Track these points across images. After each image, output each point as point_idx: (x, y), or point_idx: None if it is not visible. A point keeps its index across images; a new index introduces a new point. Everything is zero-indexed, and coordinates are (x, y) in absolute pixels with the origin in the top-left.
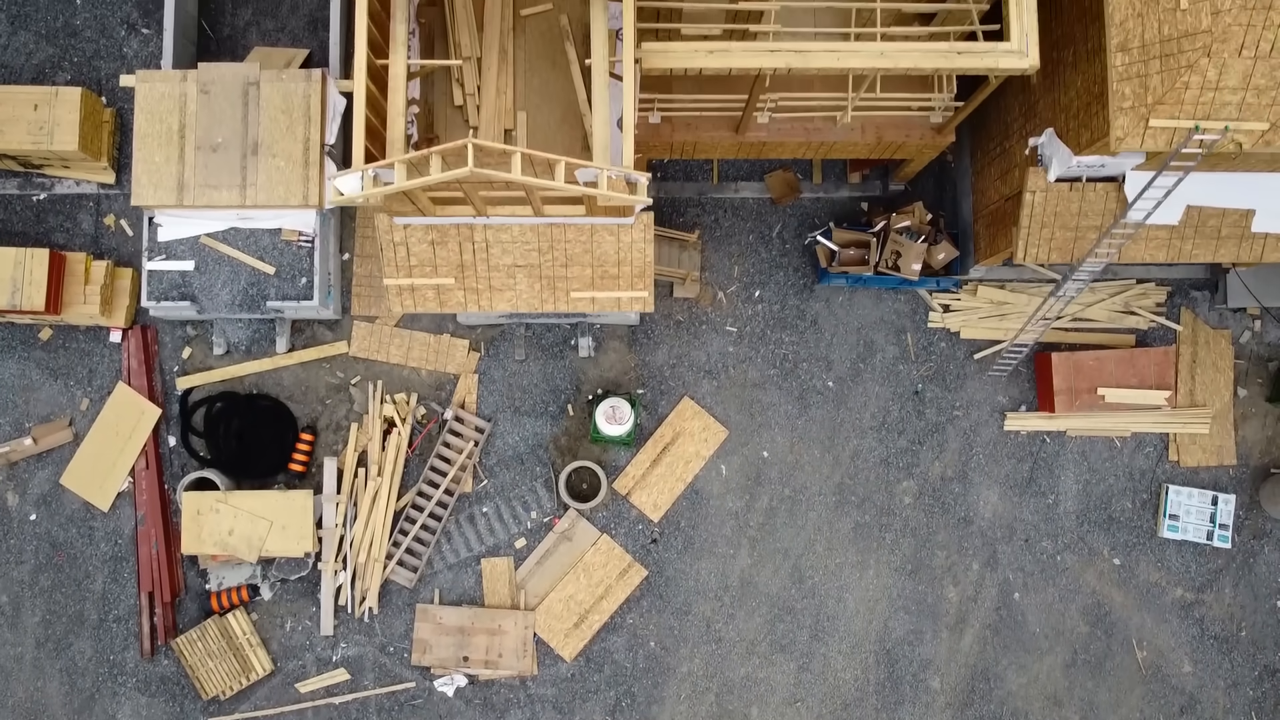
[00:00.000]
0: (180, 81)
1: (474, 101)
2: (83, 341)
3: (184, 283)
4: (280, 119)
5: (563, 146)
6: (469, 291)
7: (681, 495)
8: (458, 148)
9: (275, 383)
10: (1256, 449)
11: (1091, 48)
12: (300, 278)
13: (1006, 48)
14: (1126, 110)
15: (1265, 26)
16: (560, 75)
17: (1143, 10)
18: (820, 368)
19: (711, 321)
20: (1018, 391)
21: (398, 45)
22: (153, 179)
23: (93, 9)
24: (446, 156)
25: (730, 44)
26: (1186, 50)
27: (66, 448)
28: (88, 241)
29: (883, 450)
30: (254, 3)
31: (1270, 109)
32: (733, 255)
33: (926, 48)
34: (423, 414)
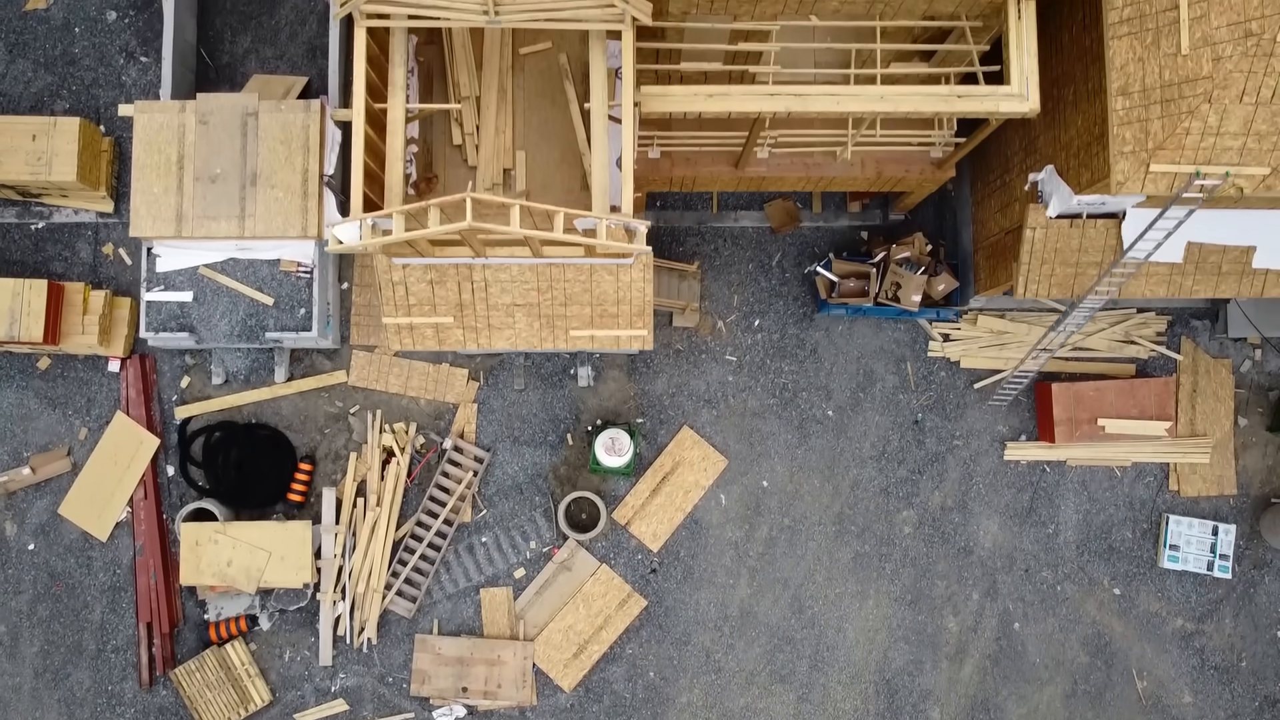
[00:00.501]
0: (179, 112)
1: (473, 141)
2: (81, 370)
3: (182, 313)
4: (279, 150)
5: (562, 185)
6: (468, 330)
7: (681, 525)
8: (456, 201)
9: (274, 412)
10: (1257, 478)
11: (1092, 88)
12: (299, 308)
13: (1007, 91)
14: (1127, 155)
15: (1266, 73)
16: (559, 114)
17: (1143, 55)
18: (820, 397)
19: (711, 350)
20: (1018, 421)
21: (396, 89)
22: (151, 210)
23: (91, 37)
24: (445, 208)
25: (729, 88)
26: (1188, 96)
27: (65, 477)
28: (86, 270)
29: (882, 480)
30: (253, 30)
31: (1271, 154)
32: (732, 284)
33: (926, 91)
34: (422, 443)
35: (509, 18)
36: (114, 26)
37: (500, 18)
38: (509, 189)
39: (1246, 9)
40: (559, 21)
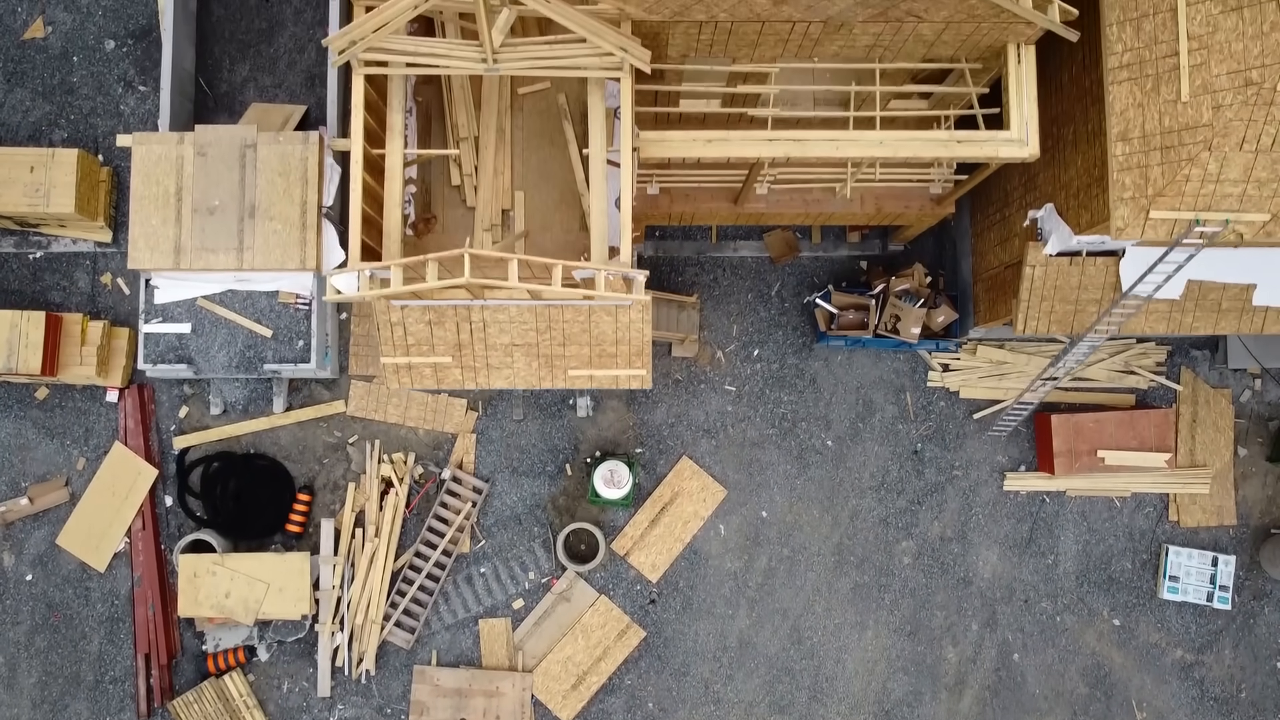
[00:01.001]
0: (177, 144)
1: (471, 182)
2: (79, 400)
3: (181, 345)
4: (277, 182)
5: (561, 225)
6: (466, 370)
7: (680, 555)
8: (455, 256)
9: (272, 442)
10: (1257, 509)
11: (1092, 129)
12: (297, 340)
13: (1006, 136)
14: (1127, 201)
15: (1267, 121)
16: (559, 154)
17: (1143, 101)
18: (819, 427)
19: (710, 380)
20: (1017, 451)
21: (394, 135)
22: (149, 242)
23: (89, 66)
24: (443, 263)
25: (728, 133)
26: (1188, 143)
27: (63, 508)
28: (84, 300)
29: (882, 510)
30: (251, 59)
31: (1272, 200)
32: (731, 314)
33: (926, 137)
34: (420, 474)
35: (508, 66)
36: (112, 55)
37: (499, 66)
38: (508, 229)
39: (1246, 58)
40: (558, 70)
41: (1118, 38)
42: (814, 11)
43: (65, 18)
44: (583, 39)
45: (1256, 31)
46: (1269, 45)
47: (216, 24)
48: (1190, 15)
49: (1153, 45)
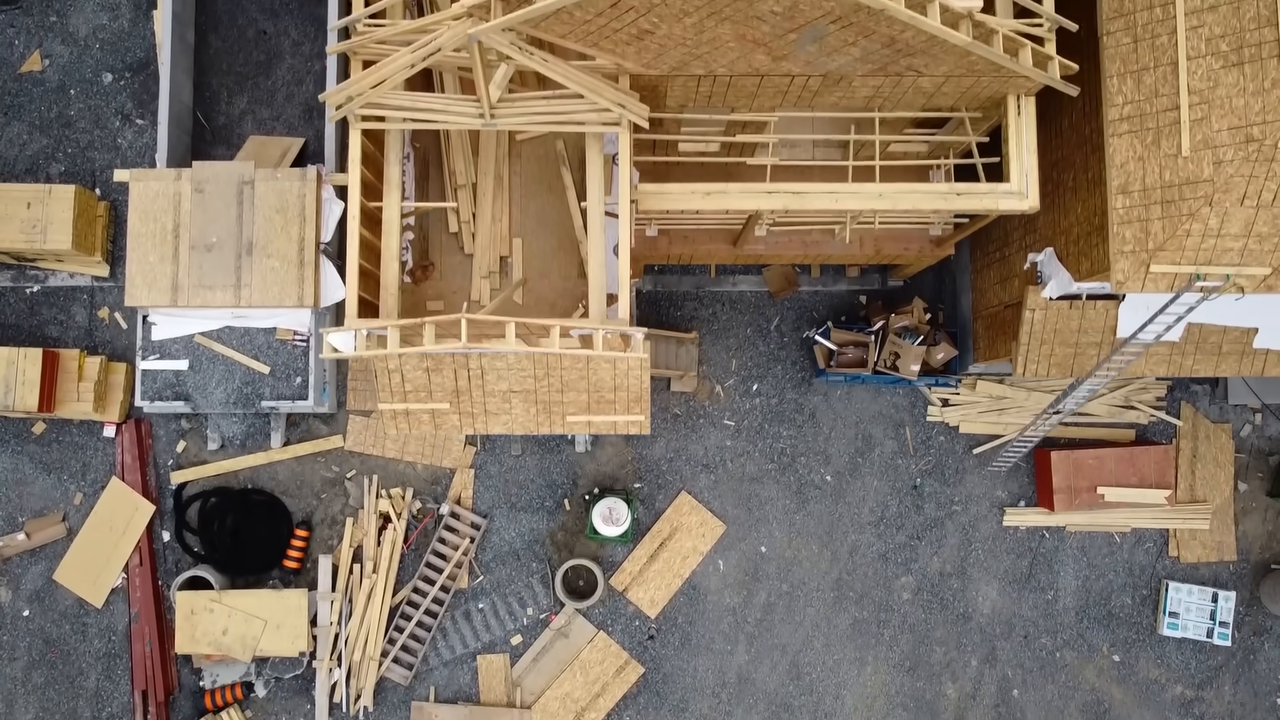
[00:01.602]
0: (174, 180)
1: (469, 229)
2: (76, 435)
3: (178, 382)
4: (275, 219)
5: (559, 272)
6: (464, 416)
7: (679, 591)
8: (451, 320)
9: (270, 477)
10: (1257, 544)
11: (1092, 177)
12: (295, 377)
13: (1006, 189)
14: (1127, 254)
15: (1268, 177)
16: (557, 200)
17: (1144, 154)
18: (818, 461)
19: (709, 415)
20: (1016, 486)
21: (391, 188)
22: (146, 279)
23: (87, 100)
24: (440, 326)
25: (726, 186)
26: (1188, 198)
27: (60, 543)
28: (81, 334)
29: (881, 545)
30: (249, 91)
31: (1273, 254)
32: (730, 349)
33: (925, 189)
34: (418, 509)
35: (505, 121)
36: (110, 89)
37: (497, 121)
38: (506, 277)
39: (1248, 114)
40: (556, 125)
41: (1118, 90)
42: (813, 67)
43: (62, 51)
44: (581, 94)
45: (1258, 88)
46: (1270, 102)
47: (214, 56)
48: (1191, 70)
49: (1153, 98)
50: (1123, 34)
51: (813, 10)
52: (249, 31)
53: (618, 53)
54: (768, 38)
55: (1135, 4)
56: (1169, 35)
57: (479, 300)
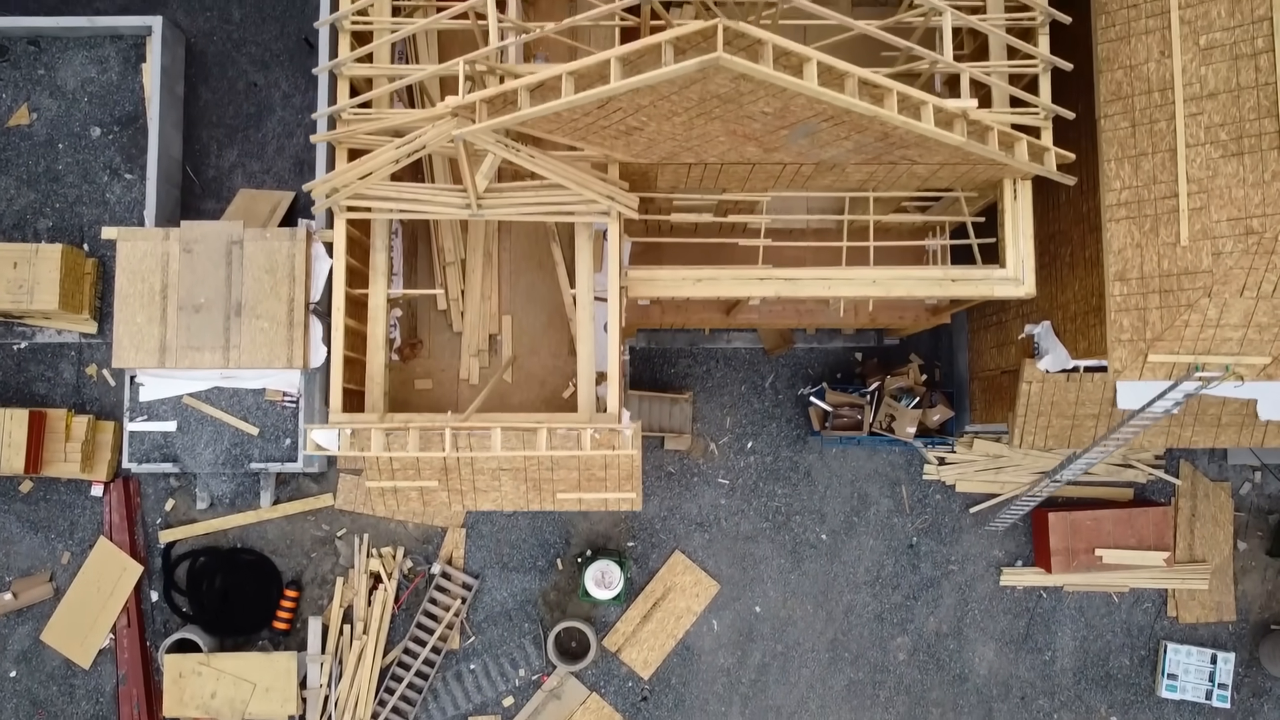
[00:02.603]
0: (162, 240)
1: (458, 307)
2: (64, 493)
3: (166, 443)
4: (264, 279)
5: (549, 349)
6: (453, 493)
7: (672, 652)
8: (436, 428)
9: (259, 536)
10: (1256, 603)
11: (1089, 256)
12: (284, 438)
13: (1002, 275)
14: (1125, 342)
15: (1269, 269)
16: (547, 276)
17: (1141, 241)
18: (813, 520)
19: (703, 473)
20: (1014, 545)
21: (377, 275)
22: (134, 340)
23: (75, 154)
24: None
25: (718, 271)
26: (1187, 288)
27: (47, 603)
28: (69, 391)
29: (877, 605)
30: (239, 144)
31: (1273, 344)
32: (725, 406)
33: (919, 275)
34: (410, 568)
35: (493, 212)
36: (98, 143)
37: (484, 212)
38: (495, 354)
39: (1247, 205)
40: (544, 216)
41: (1115, 174)
42: (806, 157)
43: (50, 104)
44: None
45: (1257, 179)
46: (1270, 194)
47: (204, 108)
48: (1190, 157)
49: (1151, 185)
50: (1121, 118)
51: (804, 110)
52: (239, 84)
53: (606, 145)
54: (759, 133)
55: (1133, 88)
56: (1167, 121)
57: (468, 379)
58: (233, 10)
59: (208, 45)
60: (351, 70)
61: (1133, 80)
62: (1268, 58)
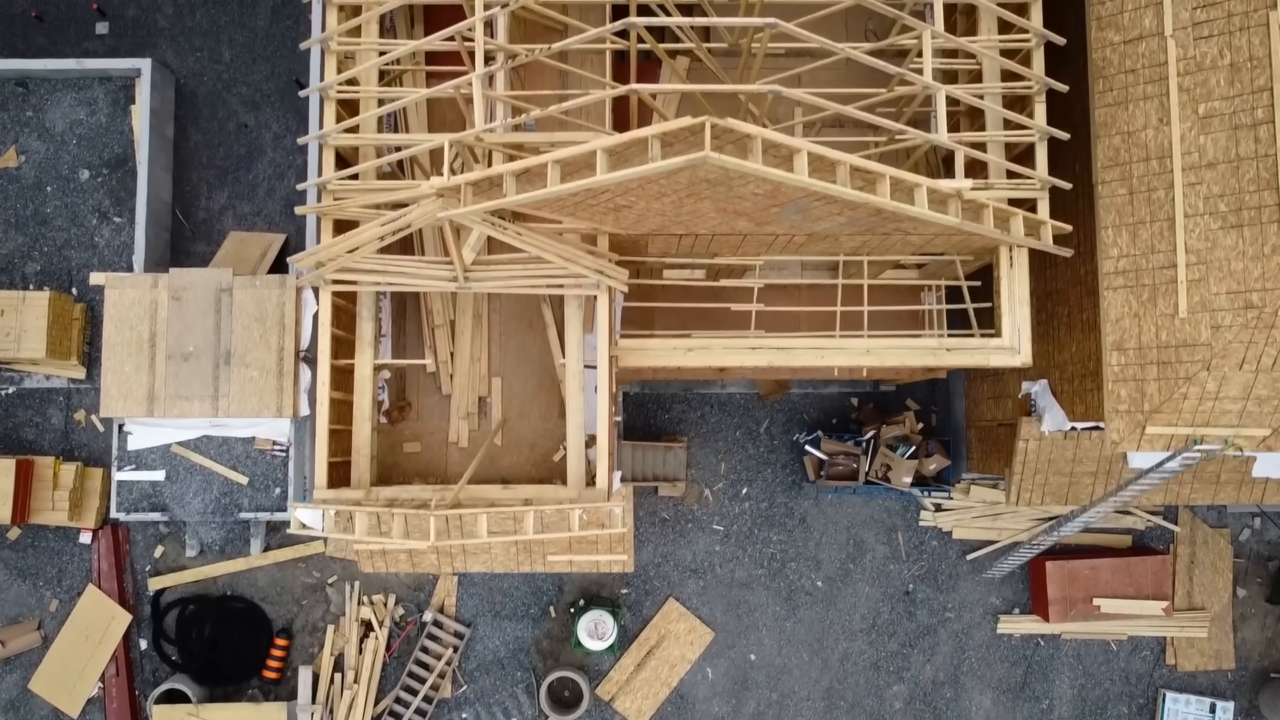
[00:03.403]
0: (151, 288)
1: (447, 369)
2: (52, 540)
3: (154, 493)
4: (254, 327)
5: (539, 412)
6: (443, 555)
7: (666, 700)
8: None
9: (250, 583)
10: (1256, 651)
11: (1087, 319)
12: (274, 487)
13: (997, 344)
14: (1123, 414)
15: (1268, 343)
16: (537, 337)
17: (1139, 312)
18: (809, 567)
19: (698, 520)
20: (1011, 593)
21: (364, 345)
22: (122, 389)
23: (64, 197)
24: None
25: (710, 340)
26: (1185, 361)
27: (35, 651)
28: (58, 437)
29: (873, 653)
30: (230, 186)
31: (1273, 415)
32: (719, 452)
33: (913, 345)
34: (401, 616)
35: (480, 285)
36: (87, 186)
37: (471, 285)
38: (485, 416)
39: (1246, 279)
40: (532, 289)
41: (1113, 242)
42: (799, 229)
43: (39, 147)
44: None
45: (1257, 253)
46: (1270, 268)
47: (194, 150)
48: (1188, 228)
49: (1149, 254)
50: (1118, 184)
51: (796, 191)
52: (230, 125)
53: (595, 220)
54: (750, 210)
55: (1131, 155)
56: (1166, 190)
57: (457, 441)
58: (223, 50)
59: (198, 86)
60: (338, 140)
61: (1130, 147)
62: (1268, 129)
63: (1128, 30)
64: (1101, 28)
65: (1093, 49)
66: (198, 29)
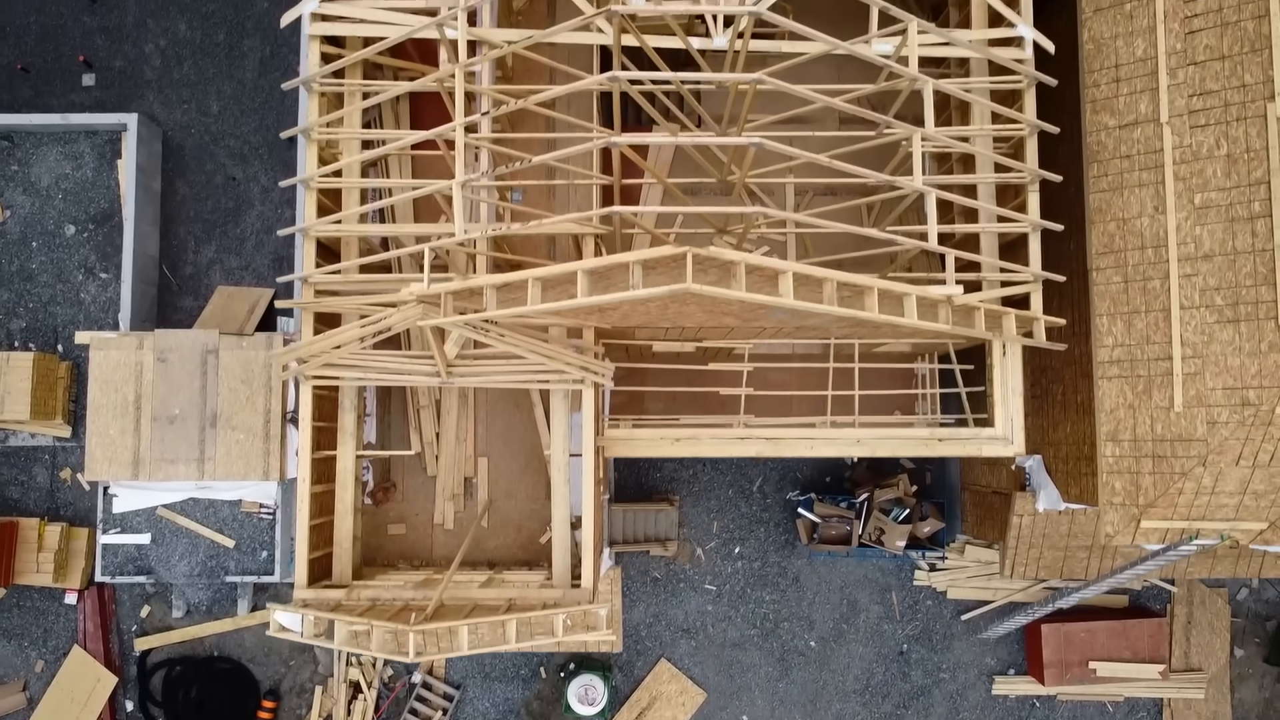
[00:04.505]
0: (136, 349)
1: (432, 450)
2: (38, 600)
3: (140, 556)
4: (240, 389)
5: (526, 493)
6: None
7: None
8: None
9: (237, 644)
10: (1254, 712)
11: (1081, 402)
12: (261, 550)
13: (990, 434)
14: (1117, 506)
15: (1265, 440)
16: (524, 416)
17: (1134, 403)
18: (802, 627)
19: (690, 579)
20: (1006, 653)
21: (345, 437)
22: (107, 453)
23: (49, 252)
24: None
25: (699, 431)
26: (1181, 456)
27: (20, 713)
28: (43, 495)
29: (866, 715)
30: (217, 240)
31: (1270, 509)
32: (712, 510)
33: (906, 435)
34: (390, 677)
35: (463, 380)
36: (72, 241)
37: (455, 380)
38: (470, 497)
39: (1243, 375)
40: (516, 384)
41: (1108, 330)
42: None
43: (24, 201)
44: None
45: (1254, 349)
46: (1267, 366)
47: (181, 203)
48: (1184, 320)
49: (1145, 345)
50: (1113, 272)
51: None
52: (217, 178)
53: (579, 319)
54: (738, 312)
55: (1126, 242)
56: (1161, 280)
57: (442, 523)
58: (211, 102)
59: (185, 138)
60: (320, 232)
61: (1125, 234)
62: (1265, 223)
63: (1123, 115)
64: (1096, 111)
65: (1087, 132)
66: (185, 80)
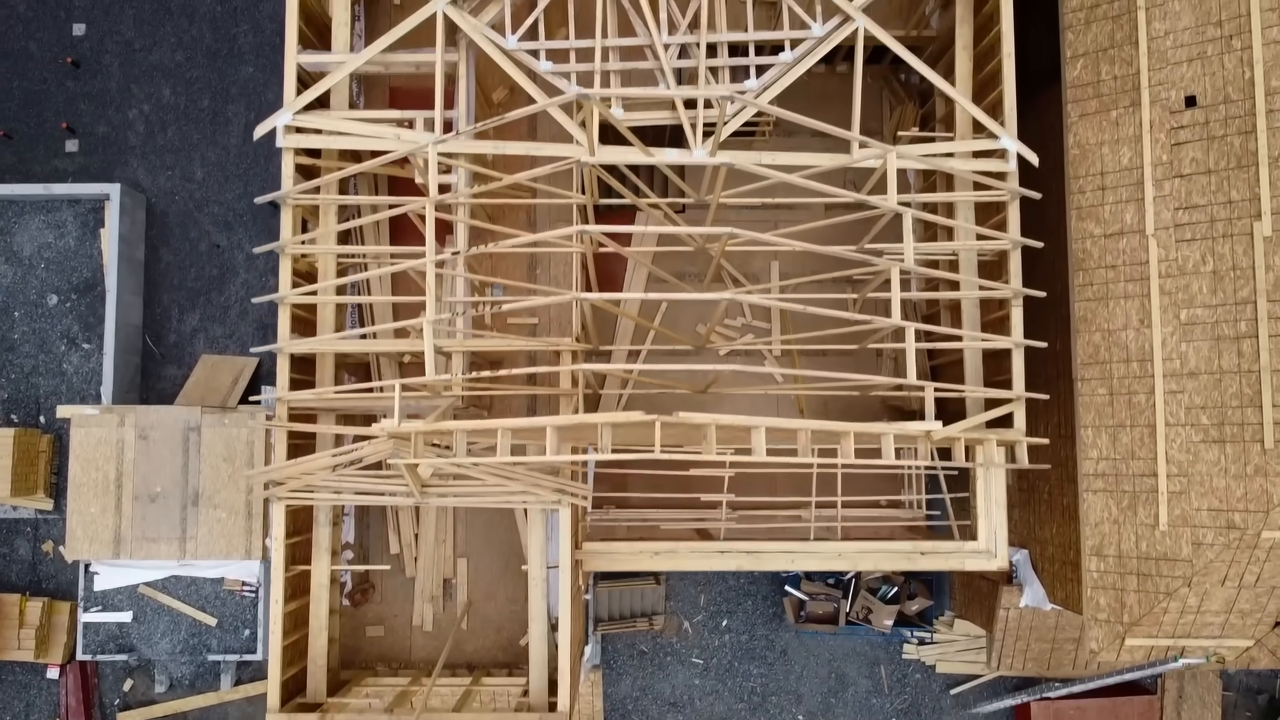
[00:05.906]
0: (118, 426)
1: (411, 552)
2: (19, 674)
3: (122, 634)
4: (222, 467)
5: (505, 594)
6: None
7: None
8: None
9: (220, 717)
10: None
11: (1067, 505)
12: (244, 629)
13: (973, 548)
14: (1102, 623)
15: (1251, 562)
16: (504, 516)
17: (1119, 519)
18: (790, 701)
19: (677, 652)
20: None
21: (320, 552)
22: (87, 531)
23: (31, 323)
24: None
25: (678, 544)
26: (1166, 575)
27: None
28: (25, 568)
29: None
30: (202, 308)
31: (1256, 627)
32: (699, 583)
33: (888, 548)
34: None
35: (439, 501)
36: (55, 311)
37: (430, 500)
38: (450, 598)
39: (1229, 497)
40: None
41: (1092, 443)
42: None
43: (6, 271)
44: None
45: (1240, 471)
46: (1253, 490)
47: (165, 271)
48: (1170, 437)
49: (1130, 460)
50: (1098, 383)
51: None
52: (201, 245)
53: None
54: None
55: (1111, 354)
56: (1146, 395)
57: (421, 625)
58: (195, 169)
59: (169, 205)
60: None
61: (1110, 346)
62: (1251, 343)
63: (1108, 224)
64: (1081, 218)
65: (1072, 239)
66: (169, 146)
